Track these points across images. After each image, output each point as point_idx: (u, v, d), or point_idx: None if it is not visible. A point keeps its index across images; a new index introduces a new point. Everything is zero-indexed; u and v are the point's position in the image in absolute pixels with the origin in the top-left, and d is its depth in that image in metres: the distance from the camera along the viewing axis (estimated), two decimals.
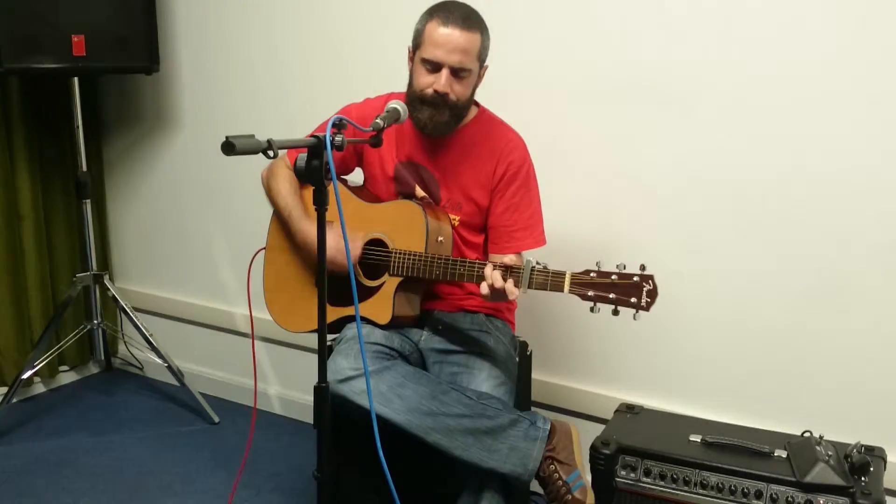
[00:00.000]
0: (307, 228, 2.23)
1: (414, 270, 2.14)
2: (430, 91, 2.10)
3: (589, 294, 1.90)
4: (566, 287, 1.92)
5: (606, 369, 2.64)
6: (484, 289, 2.00)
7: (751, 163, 2.33)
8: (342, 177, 2.38)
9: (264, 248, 2.40)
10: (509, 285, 1.96)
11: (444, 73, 2.08)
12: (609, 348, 2.62)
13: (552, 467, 2.05)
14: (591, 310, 1.91)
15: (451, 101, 2.12)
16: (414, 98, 2.14)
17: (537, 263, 1.95)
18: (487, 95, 2.28)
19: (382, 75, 2.20)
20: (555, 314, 2.66)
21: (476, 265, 2.05)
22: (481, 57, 2.13)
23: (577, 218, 2.54)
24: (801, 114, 2.25)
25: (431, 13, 2.11)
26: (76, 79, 3.09)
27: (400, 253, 2.16)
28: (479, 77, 2.19)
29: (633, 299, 1.88)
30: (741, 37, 2.29)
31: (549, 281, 1.93)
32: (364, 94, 2.35)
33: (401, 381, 2.06)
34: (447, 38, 2.06)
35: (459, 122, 2.21)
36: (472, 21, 2.09)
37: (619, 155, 2.51)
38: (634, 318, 1.87)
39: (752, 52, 2.28)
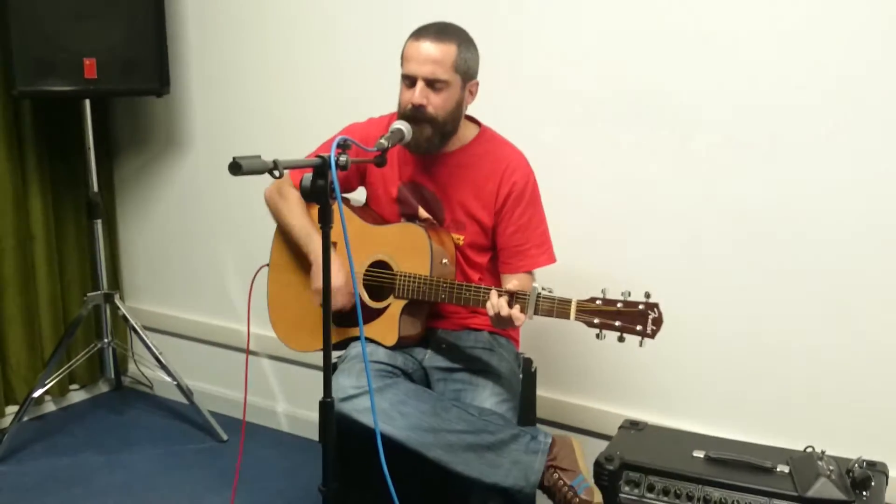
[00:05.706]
0: None
1: (419, 294, 2.15)
2: (409, 107, 2.11)
3: (595, 322, 1.91)
4: (572, 314, 1.92)
5: (610, 386, 2.64)
6: (491, 312, 2.01)
7: (750, 181, 2.35)
8: (345, 196, 2.39)
9: (267, 265, 2.42)
10: (515, 311, 1.96)
11: (419, 85, 2.09)
12: (613, 365, 2.62)
13: (556, 475, 2.06)
14: (597, 336, 1.91)
15: (430, 115, 2.11)
16: (399, 118, 2.14)
17: (543, 289, 1.95)
18: (492, 116, 2.31)
19: (391, 96, 2.23)
20: (559, 331, 2.65)
21: (482, 290, 2.06)
22: (460, 69, 2.11)
23: (581, 242, 2.55)
24: (801, 131, 2.26)
25: (412, 33, 2.14)
26: (88, 101, 3.13)
27: (405, 275, 2.17)
28: (471, 94, 2.20)
29: (639, 327, 1.88)
30: (743, 58, 2.31)
31: (556, 308, 1.94)
32: (371, 114, 2.38)
33: (402, 399, 2.08)
34: (419, 51, 2.09)
35: (445, 137, 2.19)
36: (446, 34, 2.11)
37: (620, 178, 2.52)
38: (640, 345, 1.88)
39: (754, 73, 2.30)
